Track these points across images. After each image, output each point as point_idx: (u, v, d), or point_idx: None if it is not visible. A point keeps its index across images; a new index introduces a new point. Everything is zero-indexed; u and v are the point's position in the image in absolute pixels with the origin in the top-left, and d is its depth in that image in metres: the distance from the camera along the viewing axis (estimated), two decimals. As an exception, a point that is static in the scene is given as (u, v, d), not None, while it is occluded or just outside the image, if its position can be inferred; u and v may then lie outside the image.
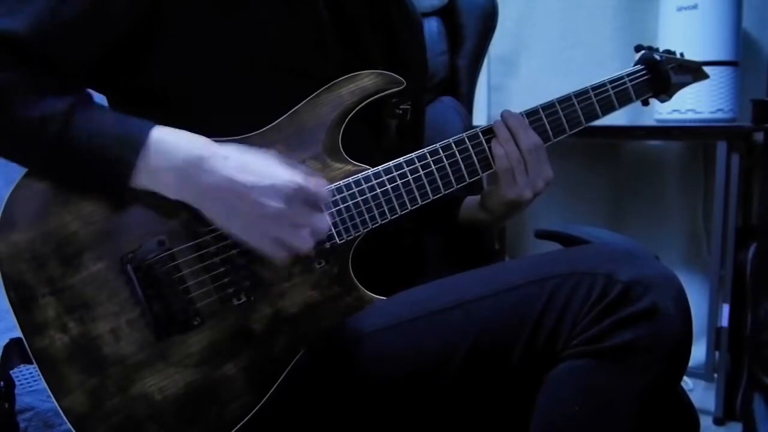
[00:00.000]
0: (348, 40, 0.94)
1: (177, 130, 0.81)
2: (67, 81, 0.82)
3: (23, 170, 0.81)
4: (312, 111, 0.89)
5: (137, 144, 0.79)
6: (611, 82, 1.05)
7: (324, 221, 0.82)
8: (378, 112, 0.97)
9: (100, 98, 0.93)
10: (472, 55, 1.55)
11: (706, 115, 2.00)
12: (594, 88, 1.04)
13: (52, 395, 0.80)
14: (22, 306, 0.79)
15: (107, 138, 0.79)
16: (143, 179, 0.80)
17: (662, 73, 1.11)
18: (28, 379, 1.47)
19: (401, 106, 1.01)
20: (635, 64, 1.11)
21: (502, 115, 0.98)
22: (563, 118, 1.01)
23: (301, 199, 0.80)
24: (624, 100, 1.06)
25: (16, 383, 1.34)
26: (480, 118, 2.40)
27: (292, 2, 0.88)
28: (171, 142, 0.80)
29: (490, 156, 0.97)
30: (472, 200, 1.12)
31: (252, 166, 0.80)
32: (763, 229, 1.89)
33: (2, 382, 0.99)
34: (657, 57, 1.11)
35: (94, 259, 0.80)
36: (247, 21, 0.86)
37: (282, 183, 0.79)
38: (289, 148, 0.87)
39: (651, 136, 2.29)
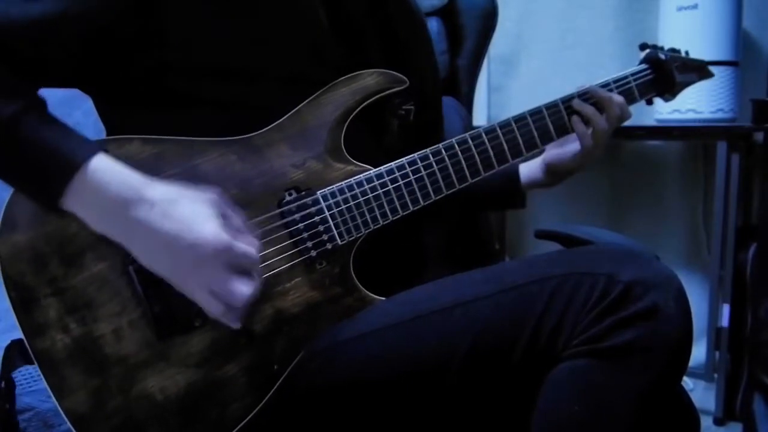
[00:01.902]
0: (347, 43, 0.94)
1: (115, 166, 0.77)
2: (26, 80, 0.80)
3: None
4: (314, 111, 0.89)
5: (70, 171, 0.75)
6: (615, 81, 1.05)
7: (241, 291, 0.76)
8: (380, 112, 0.97)
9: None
10: (472, 55, 1.56)
11: (706, 115, 2.01)
12: (599, 87, 1.04)
13: (53, 396, 0.79)
14: (23, 307, 0.79)
15: (44, 157, 0.76)
16: (72, 206, 0.77)
17: (667, 72, 1.10)
18: (28, 379, 1.47)
19: (404, 107, 1.01)
20: (640, 63, 1.11)
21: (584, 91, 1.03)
22: (566, 118, 1.01)
23: (222, 261, 0.75)
24: (628, 99, 1.06)
25: (16, 384, 1.33)
26: (480, 118, 2.40)
27: (289, 7, 0.88)
28: (102, 180, 0.76)
29: (568, 125, 1.01)
30: (529, 166, 1.15)
31: (178, 216, 0.75)
32: (763, 229, 1.89)
33: (3, 383, 0.99)
34: (662, 56, 1.11)
35: (95, 260, 0.80)
36: (245, 24, 0.85)
37: (202, 242, 0.74)
38: (291, 148, 0.87)
39: (651, 136, 2.29)
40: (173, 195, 0.77)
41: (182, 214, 0.76)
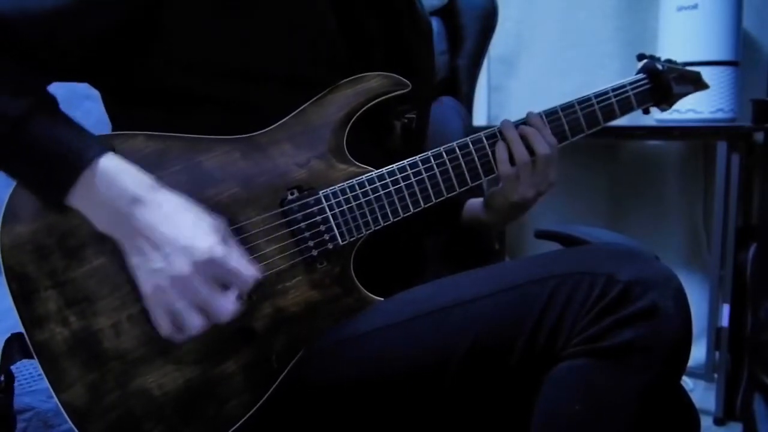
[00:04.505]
0: (353, 49, 0.94)
1: (127, 165, 0.78)
2: (41, 69, 0.81)
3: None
4: (318, 111, 0.89)
5: (76, 170, 0.76)
6: (613, 90, 1.06)
7: (226, 308, 0.76)
8: (383, 115, 0.97)
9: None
10: (472, 55, 1.56)
11: (706, 115, 2.01)
12: (597, 95, 1.05)
13: (51, 389, 0.80)
14: (23, 298, 0.79)
15: (51, 156, 0.77)
16: (77, 203, 0.78)
17: (664, 83, 1.12)
18: (28, 379, 1.47)
19: (407, 115, 1.01)
20: (637, 73, 1.12)
21: (527, 116, 0.99)
22: (566, 125, 1.02)
23: (211, 274, 0.75)
24: (625, 108, 1.08)
25: (16, 384, 1.33)
26: (480, 118, 2.40)
27: (297, 9, 0.88)
28: (111, 177, 0.77)
29: (492, 159, 0.97)
30: (475, 202, 1.12)
31: (181, 222, 0.76)
32: (763, 229, 1.89)
33: (2, 376, 1.00)
34: (659, 66, 1.12)
35: (96, 253, 0.80)
36: (247, 24, 0.85)
37: (197, 248, 0.75)
38: (295, 147, 0.87)
39: (651, 136, 2.29)
40: (182, 204, 0.78)
41: (185, 221, 0.77)
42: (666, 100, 1.14)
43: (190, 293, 0.75)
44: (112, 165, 0.77)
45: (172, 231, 0.76)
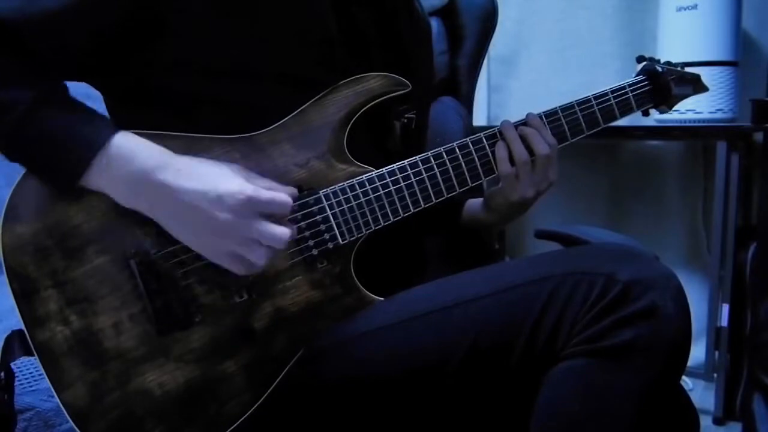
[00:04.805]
0: (353, 51, 0.94)
1: (139, 139, 0.81)
2: (43, 69, 0.81)
3: (25, 171, 0.82)
4: (318, 111, 0.89)
5: (94, 150, 0.78)
6: (613, 91, 1.06)
7: (279, 233, 0.80)
8: (383, 115, 0.97)
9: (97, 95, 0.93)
10: (472, 55, 1.56)
11: (705, 115, 2.01)
12: (596, 97, 1.05)
13: (52, 388, 0.80)
14: (24, 298, 0.80)
15: (65, 141, 0.78)
16: (96, 181, 0.79)
17: (663, 85, 1.12)
18: (29, 378, 1.47)
19: (407, 115, 1.01)
20: (637, 75, 1.12)
21: (527, 116, 0.99)
22: (565, 126, 1.02)
23: (252, 211, 0.79)
24: (625, 110, 1.08)
25: (17, 383, 1.33)
26: (480, 118, 2.40)
27: (297, 10, 0.88)
28: (129, 150, 0.79)
29: (492, 159, 0.97)
30: (475, 202, 1.12)
31: (202, 176, 0.79)
32: (763, 229, 1.89)
33: (2, 374, 1.00)
34: (658, 68, 1.12)
35: (97, 253, 0.81)
36: (247, 24, 0.85)
37: (229, 193, 0.78)
38: (295, 147, 0.88)
39: (651, 136, 2.29)
40: (196, 160, 0.81)
41: (207, 173, 0.80)
42: (665, 102, 1.14)
43: (239, 235, 0.78)
44: (126, 141, 0.80)
45: (200, 186, 0.78)
